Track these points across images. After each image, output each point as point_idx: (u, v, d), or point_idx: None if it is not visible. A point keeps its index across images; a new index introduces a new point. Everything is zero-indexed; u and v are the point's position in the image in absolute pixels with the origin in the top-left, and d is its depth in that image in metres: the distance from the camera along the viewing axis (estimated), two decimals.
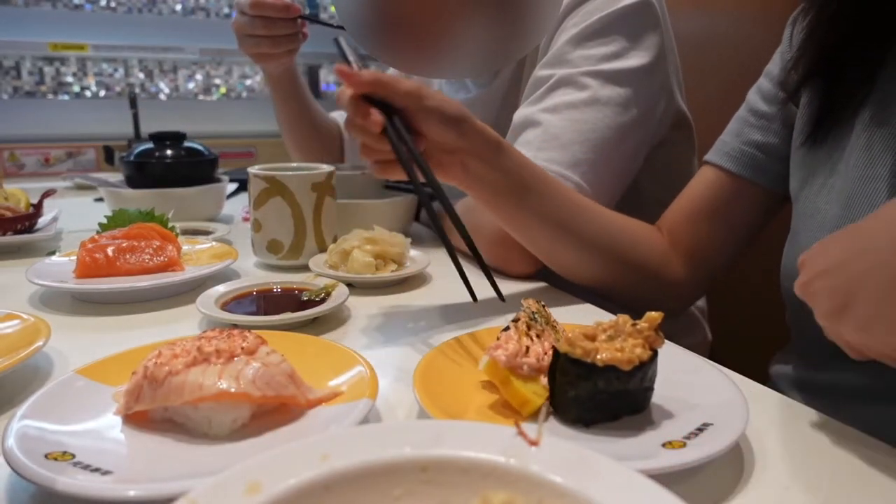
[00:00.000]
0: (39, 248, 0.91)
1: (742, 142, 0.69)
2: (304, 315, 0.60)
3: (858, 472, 0.38)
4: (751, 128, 0.69)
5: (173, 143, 1.12)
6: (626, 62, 0.79)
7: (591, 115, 0.78)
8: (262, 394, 0.39)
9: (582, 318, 0.62)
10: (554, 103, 0.79)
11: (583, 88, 0.78)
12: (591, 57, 0.79)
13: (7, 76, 2.47)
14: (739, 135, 0.70)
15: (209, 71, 2.78)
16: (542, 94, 0.81)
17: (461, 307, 0.68)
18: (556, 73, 0.80)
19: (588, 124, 0.77)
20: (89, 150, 2.34)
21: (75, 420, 0.39)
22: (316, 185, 0.80)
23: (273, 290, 0.69)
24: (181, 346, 0.41)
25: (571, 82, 0.79)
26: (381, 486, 0.25)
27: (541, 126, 0.78)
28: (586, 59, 0.79)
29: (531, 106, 0.81)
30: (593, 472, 0.24)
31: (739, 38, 1.10)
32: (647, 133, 0.84)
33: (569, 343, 0.40)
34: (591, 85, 0.78)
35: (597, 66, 0.79)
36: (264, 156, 2.55)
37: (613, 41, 0.79)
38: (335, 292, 0.66)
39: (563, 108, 0.78)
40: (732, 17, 1.12)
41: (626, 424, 0.40)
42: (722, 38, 1.13)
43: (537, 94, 0.81)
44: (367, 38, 0.81)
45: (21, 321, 0.54)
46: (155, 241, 0.74)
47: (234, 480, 0.23)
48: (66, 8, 2.50)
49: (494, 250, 0.80)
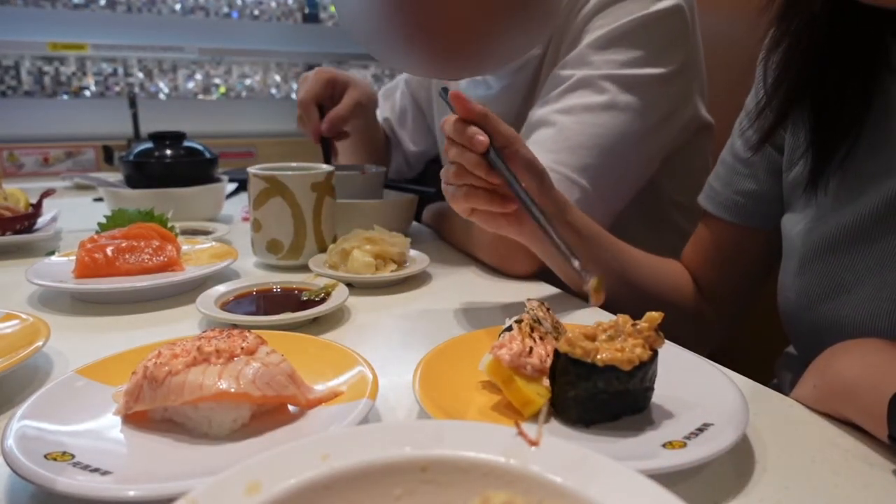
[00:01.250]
0: (39, 248, 0.91)
1: (733, 191, 0.68)
2: (304, 315, 0.60)
3: (859, 473, 0.38)
4: (739, 176, 0.67)
5: (173, 143, 1.12)
6: (648, 69, 0.78)
7: (607, 120, 0.77)
8: (262, 394, 0.39)
9: (582, 318, 0.62)
10: (570, 104, 0.78)
11: (601, 92, 0.77)
12: (613, 61, 0.78)
13: (6, 76, 2.47)
14: (730, 184, 0.68)
15: (209, 70, 2.78)
16: (559, 93, 0.80)
17: (461, 307, 0.68)
18: (576, 74, 0.79)
19: (602, 129, 0.77)
20: (89, 149, 2.34)
21: (75, 420, 0.39)
22: (316, 185, 0.80)
23: (273, 290, 0.69)
24: (181, 346, 0.41)
25: (590, 84, 0.78)
26: (381, 486, 0.25)
27: (554, 127, 0.78)
28: (608, 63, 0.78)
29: (547, 105, 0.80)
30: (593, 472, 0.24)
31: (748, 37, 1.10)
32: (662, 141, 0.83)
33: (569, 343, 0.40)
34: (610, 89, 0.77)
35: (618, 71, 0.77)
36: (264, 155, 2.55)
37: (638, 47, 0.78)
38: (335, 292, 0.66)
39: (578, 110, 0.77)
40: (741, 15, 1.12)
41: (626, 424, 0.40)
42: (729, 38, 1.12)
43: (555, 94, 0.80)
44: (379, 46, 0.80)
45: (20, 321, 0.54)
46: (154, 241, 0.74)
47: (234, 480, 0.23)
48: (65, 7, 2.49)
49: (495, 249, 0.80)
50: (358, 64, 3.03)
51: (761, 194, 0.66)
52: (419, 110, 1.23)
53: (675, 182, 0.90)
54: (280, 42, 2.69)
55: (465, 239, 0.89)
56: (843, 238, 0.54)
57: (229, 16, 2.76)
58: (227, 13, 2.75)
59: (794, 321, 0.61)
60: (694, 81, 0.84)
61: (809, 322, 0.58)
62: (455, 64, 0.79)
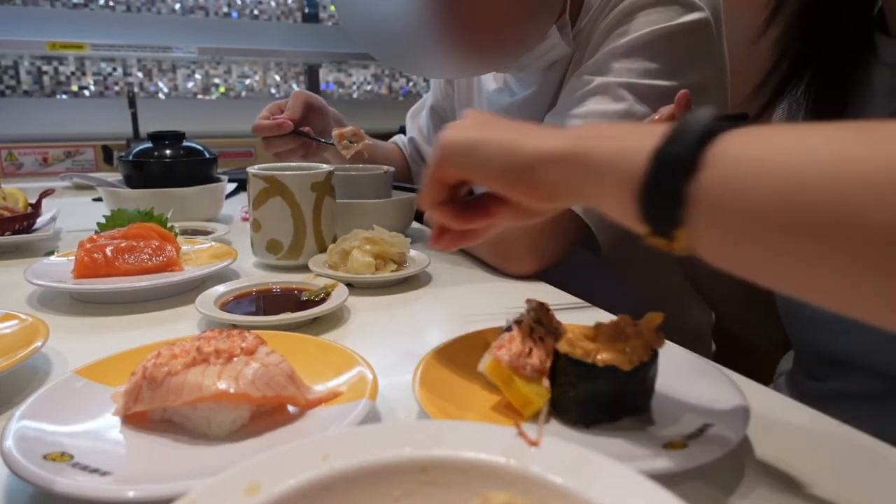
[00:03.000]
0: (38, 248, 0.91)
1: None
2: (303, 315, 0.60)
3: (860, 473, 0.38)
4: None
5: (172, 143, 1.12)
6: (667, 82, 0.76)
7: None
8: (262, 394, 0.39)
9: (582, 318, 0.62)
10: (587, 110, 0.77)
11: (619, 100, 0.76)
12: (634, 70, 0.77)
13: (5, 75, 2.46)
14: None
15: (208, 70, 2.78)
16: (577, 99, 0.79)
17: (461, 307, 0.68)
18: (596, 80, 0.78)
19: None
20: (88, 149, 2.33)
21: (74, 421, 0.39)
22: (315, 185, 0.79)
23: (272, 290, 0.69)
24: (180, 347, 0.40)
25: (609, 91, 0.77)
26: (381, 486, 0.25)
27: None
28: (629, 71, 0.77)
29: (564, 111, 0.80)
30: (593, 472, 0.24)
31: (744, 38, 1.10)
32: None
33: (569, 343, 0.40)
34: (628, 98, 0.76)
35: (638, 80, 0.76)
36: (264, 155, 2.54)
37: (661, 58, 0.76)
38: (335, 292, 0.66)
39: (595, 116, 0.76)
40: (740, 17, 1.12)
41: (626, 425, 0.40)
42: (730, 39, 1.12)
43: (573, 99, 0.79)
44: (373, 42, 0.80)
45: (19, 321, 0.54)
46: (154, 241, 0.74)
47: (233, 480, 0.23)
48: (64, 7, 2.49)
49: (495, 249, 0.80)
50: (358, 64, 3.03)
51: None
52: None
53: None
54: (280, 42, 2.69)
55: None
56: None
57: (229, 15, 2.76)
58: (226, 13, 2.75)
59: (792, 313, 0.62)
60: (714, 97, 0.83)
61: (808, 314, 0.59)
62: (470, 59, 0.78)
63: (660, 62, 0.76)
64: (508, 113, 1.00)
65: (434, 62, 0.82)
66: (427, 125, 1.24)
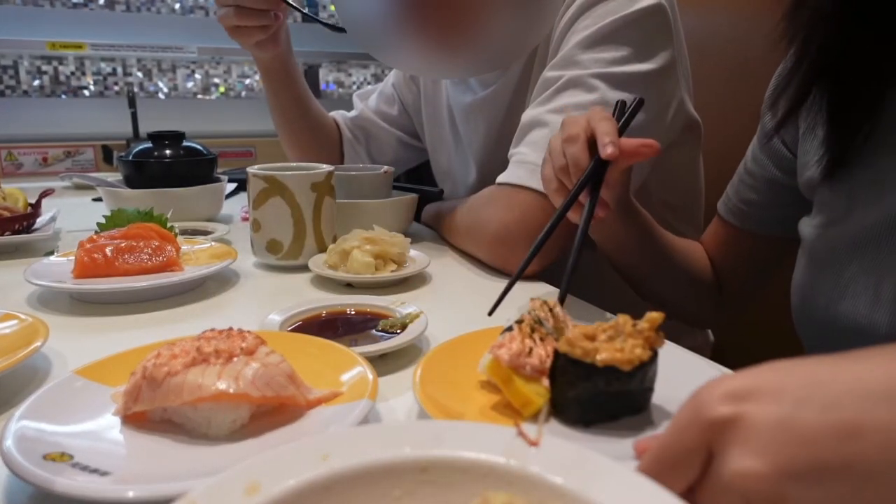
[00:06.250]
0: (37, 248, 0.91)
1: (740, 199, 0.74)
2: (376, 349, 0.51)
3: None
4: (745, 186, 0.73)
5: (172, 143, 1.12)
6: (636, 66, 0.78)
7: None
8: (262, 394, 0.39)
9: (582, 318, 0.62)
10: (562, 104, 0.78)
11: (591, 90, 0.78)
12: (601, 60, 0.78)
13: (5, 75, 2.46)
14: (739, 191, 0.74)
15: (208, 70, 2.78)
16: (550, 94, 0.80)
17: (461, 307, 0.68)
18: (566, 75, 0.79)
19: None
20: (88, 149, 2.34)
21: (74, 421, 0.39)
22: (315, 185, 0.80)
23: (346, 312, 0.62)
24: (180, 347, 0.40)
25: (580, 84, 0.78)
26: (381, 486, 0.25)
27: (548, 127, 0.78)
28: (596, 62, 0.78)
29: (539, 106, 0.81)
30: (593, 472, 0.24)
31: (741, 36, 1.10)
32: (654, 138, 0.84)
33: (568, 343, 0.40)
34: (600, 87, 0.77)
35: (607, 69, 0.78)
36: (263, 155, 2.55)
37: (625, 45, 0.78)
38: (413, 325, 0.57)
39: (570, 109, 0.77)
40: (733, 15, 1.12)
41: (626, 425, 0.40)
42: (722, 37, 1.13)
43: (546, 95, 0.81)
44: (374, 42, 0.81)
45: (19, 321, 0.54)
46: (154, 241, 0.74)
47: (233, 481, 0.23)
48: (63, 7, 2.49)
49: (496, 249, 0.80)
50: (358, 64, 3.03)
51: (760, 204, 0.72)
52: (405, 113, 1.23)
53: (664, 183, 0.90)
54: None
55: (465, 239, 0.89)
56: (862, 238, 0.54)
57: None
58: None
59: (807, 322, 0.61)
60: (681, 78, 0.85)
61: (823, 323, 0.58)
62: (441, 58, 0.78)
63: (625, 49, 0.79)
64: (471, 111, 1.01)
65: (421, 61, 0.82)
66: (377, 103, 1.24)
